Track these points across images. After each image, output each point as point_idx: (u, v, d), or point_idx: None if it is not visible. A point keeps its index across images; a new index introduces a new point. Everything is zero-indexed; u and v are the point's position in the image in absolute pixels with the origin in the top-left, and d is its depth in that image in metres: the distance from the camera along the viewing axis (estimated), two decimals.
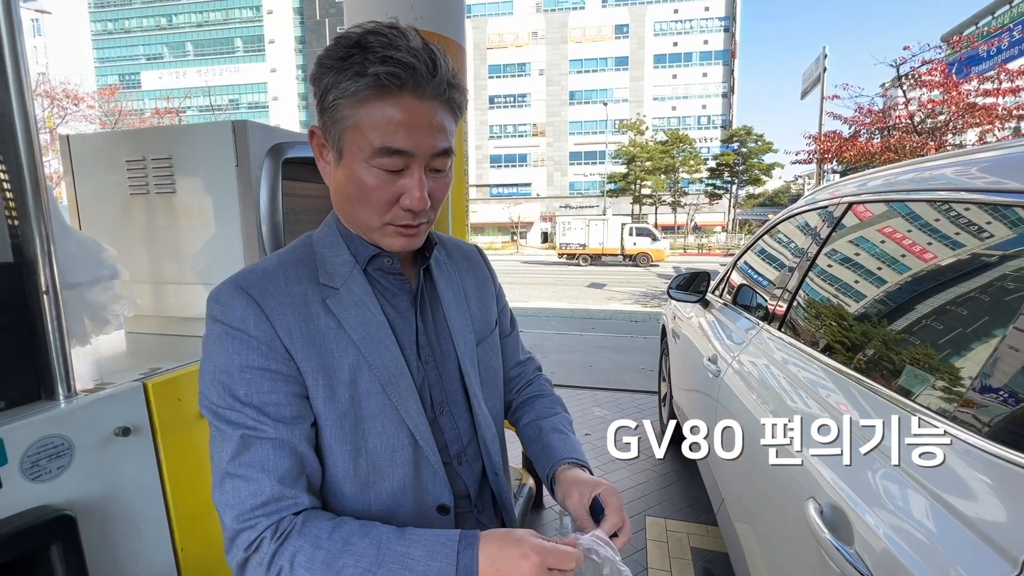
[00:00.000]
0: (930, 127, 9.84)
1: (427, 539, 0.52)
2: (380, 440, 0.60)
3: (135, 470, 0.82)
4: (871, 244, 1.37)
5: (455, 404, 0.69)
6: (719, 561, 2.27)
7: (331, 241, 0.63)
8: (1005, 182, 0.86)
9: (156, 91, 47.29)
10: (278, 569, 0.51)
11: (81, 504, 0.72)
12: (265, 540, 0.52)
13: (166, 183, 1.11)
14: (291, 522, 0.53)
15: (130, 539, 0.81)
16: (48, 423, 0.71)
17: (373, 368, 0.60)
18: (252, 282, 0.58)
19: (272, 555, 0.51)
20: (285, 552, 0.51)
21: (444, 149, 0.57)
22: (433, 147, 0.56)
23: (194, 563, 0.90)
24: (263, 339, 0.56)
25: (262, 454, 0.54)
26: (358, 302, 0.61)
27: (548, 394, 0.85)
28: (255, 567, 0.52)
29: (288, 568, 0.50)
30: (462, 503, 0.68)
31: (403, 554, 0.51)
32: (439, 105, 0.56)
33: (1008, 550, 0.56)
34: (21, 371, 0.73)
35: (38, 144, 0.73)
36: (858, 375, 1.03)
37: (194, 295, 1.15)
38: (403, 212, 0.58)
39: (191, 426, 0.91)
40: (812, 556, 0.89)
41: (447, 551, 0.51)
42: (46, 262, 0.74)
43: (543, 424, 0.78)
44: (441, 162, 0.58)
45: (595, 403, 4.24)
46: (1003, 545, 0.57)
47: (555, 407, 0.82)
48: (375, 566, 0.50)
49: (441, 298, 0.70)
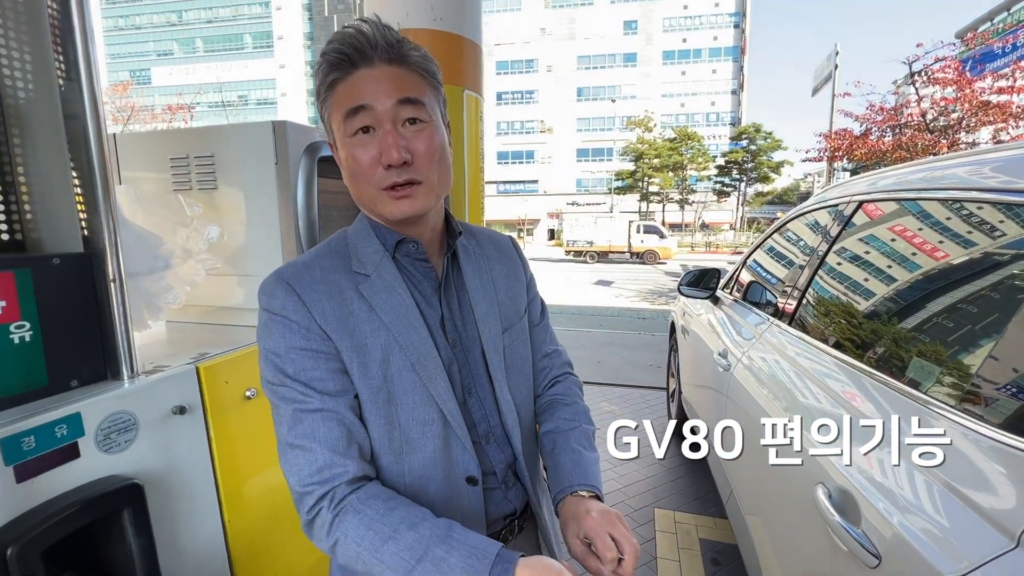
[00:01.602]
0: (943, 125, 9.75)
1: (467, 548, 0.55)
2: (411, 415, 0.65)
3: (189, 446, 0.89)
4: (881, 242, 1.42)
5: (481, 388, 0.73)
6: (727, 552, 2.32)
7: (363, 233, 0.69)
8: (1016, 182, 0.91)
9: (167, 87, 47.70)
10: (335, 539, 0.58)
11: (144, 475, 0.79)
12: (323, 509, 0.58)
13: (208, 180, 1.17)
14: (345, 493, 0.59)
15: (184, 509, 0.87)
16: (116, 400, 0.78)
17: (403, 348, 0.65)
18: (292, 274, 0.64)
19: (330, 524, 0.58)
20: (341, 525, 0.57)
21: (405, 98, 0.61)
22: (390, 95, 0.61)
23: (239, 534, 0.97)
24: (302, 323, 0.62)
25: (313, 425, 0.60)
26: (388, 287, 0.66)
27: (571, 402, 0.83)
28: (319, 529, 0.59)
29: (343, 540, 0.57)
30: (490, 479, 0.73)
31: (441, 558, 0.55)
32: (393, 67, 0.61)
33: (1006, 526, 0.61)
34: (92, 353, 0.80)
35: (106, 146, 0.79)
36: (868, 368, 1.08)
37: (233, 286, 1.22)
38: (385, 172, 0.62)
39: (237, 407, 0.98)
40: (821, 539, 0.94)
41: (481, 567, 0.54)
42: (113, 253, 0.80)
43: (558, 439, 0.77)
44: (409, 111, 0.62)
45: (603, 398, 4.28)
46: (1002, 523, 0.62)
47: (577, 418, 0.80)
48: (414, 561, 0.55)
49: (467, 285, 0.73)
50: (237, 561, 0.96)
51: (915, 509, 0.76)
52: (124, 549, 0.75)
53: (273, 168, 1.11)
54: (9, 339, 0.70)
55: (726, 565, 2.23)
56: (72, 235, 0.80)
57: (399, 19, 2.06)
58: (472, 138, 2.13)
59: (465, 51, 2.12)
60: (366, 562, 0.57)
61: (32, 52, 0.77)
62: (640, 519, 2.57)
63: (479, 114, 2.19)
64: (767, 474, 1.32)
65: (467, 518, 0.68)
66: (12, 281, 0.70)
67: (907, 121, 10.27)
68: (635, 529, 2.48)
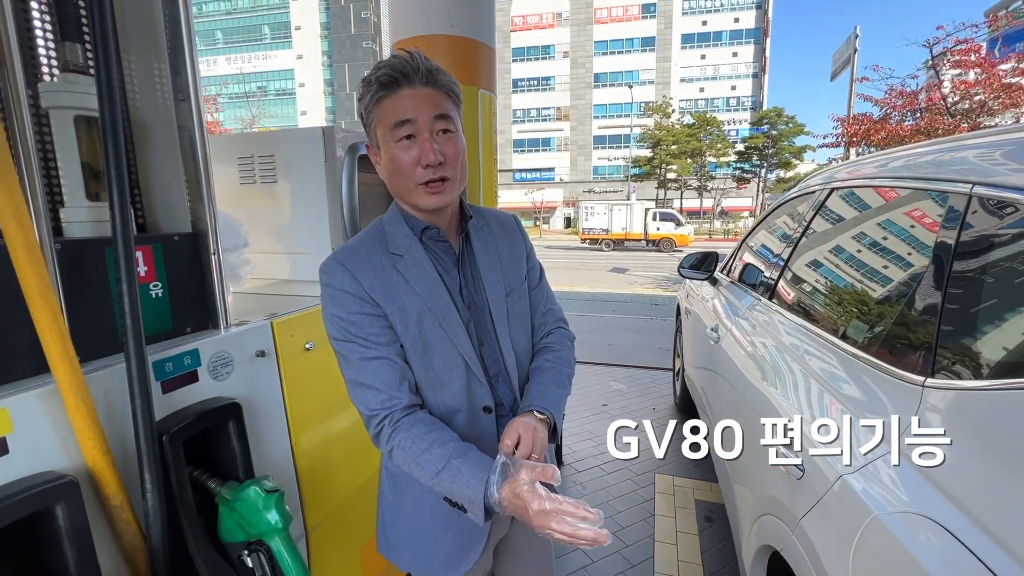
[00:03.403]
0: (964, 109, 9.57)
1: (476, 461, 0.77)
2: (441, 360, 0.85)
3: (267, 381, 1.16)
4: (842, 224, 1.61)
5: (491, 339, 0.91)
6: (719, 511, 2.54)
7: (396, 221, 0.87)
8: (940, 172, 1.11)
9: None
10: (391, 447, 0.82)
11: (239, 399, 1.05)
12: (384, 427, 0.83)
13: (269, 175, 1.43)
14: (399, 416, 0.82)
15: (263, 428, 1.14)
16: (218, 343, 1.04)
17: (432, 310, 0.83)
18: (344, 256, 0.83)
19: (388, 437, 0.82)
20: (396, 437, 0.81)
21: (440, 114, 0.79)
22: (429, 112, 0.78)
23: (302, 452, 1.24)
24: (356, 293, 0.81)
25: (374, 369, 0.83)
26: (417, 264, 0.84)
27: (557, 348, 0.99)
28: (382, 441, 0.83)
29: (397, 448, 0.81)
30: (500, 408, 0.93)
31: (457, 468, 0.76)
32: (428, 88, 0.78)
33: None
34: (200, 308, 1.07)
35: (208, 150, 1.04)
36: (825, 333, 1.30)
37: (288, 262, 1.49)
38: (423, 171, 0.79)
39: (299, 355, 1.24)
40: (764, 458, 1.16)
41: (484, 472, 0.75)
42: (213, 232, 1.06)
43: (533, 374, 0.95)
44: (443, 124, 0.79)
45: (613, 378, 4.49)
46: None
47: (557, 362, 0.96)
48: (440, 467, 0.77)
49: (478, 259, 0.90)
50: (301, 472, 1.23)
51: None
52: (229, 452, 1.01)
53: (323, 165, 1.36)
54: (149, 294, 0.97)
55: (718, 522, 2.45)
56: (183, 219, 1.06)
57: (419, 26, 2.28)
58: (486, 133, 2.36)
59: (480, 54, 2.33)
60: (409, 465, 0.81)
61: (157, 79, 1.02)
62: (641, 483, 2.80)
63: (492, 111, 2.41)
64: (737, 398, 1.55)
65: (484, 437, 0.90)
66: (151, 252, 0.96)
67: (927, 105, 10.09)
68: (636, 491, 2.71)
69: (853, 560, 0.81)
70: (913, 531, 0.74)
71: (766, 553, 1.24)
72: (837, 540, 0.87)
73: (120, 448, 0.84)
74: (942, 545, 0.69)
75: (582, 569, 2.11)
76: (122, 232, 0.80)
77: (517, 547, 1.06)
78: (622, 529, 2.38)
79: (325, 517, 1.31)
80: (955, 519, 0.70)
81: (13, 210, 0.68)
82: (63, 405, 0.75)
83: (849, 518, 0.85)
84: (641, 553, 2.20)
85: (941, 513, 0.72)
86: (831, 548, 0.88)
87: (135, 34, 1.01)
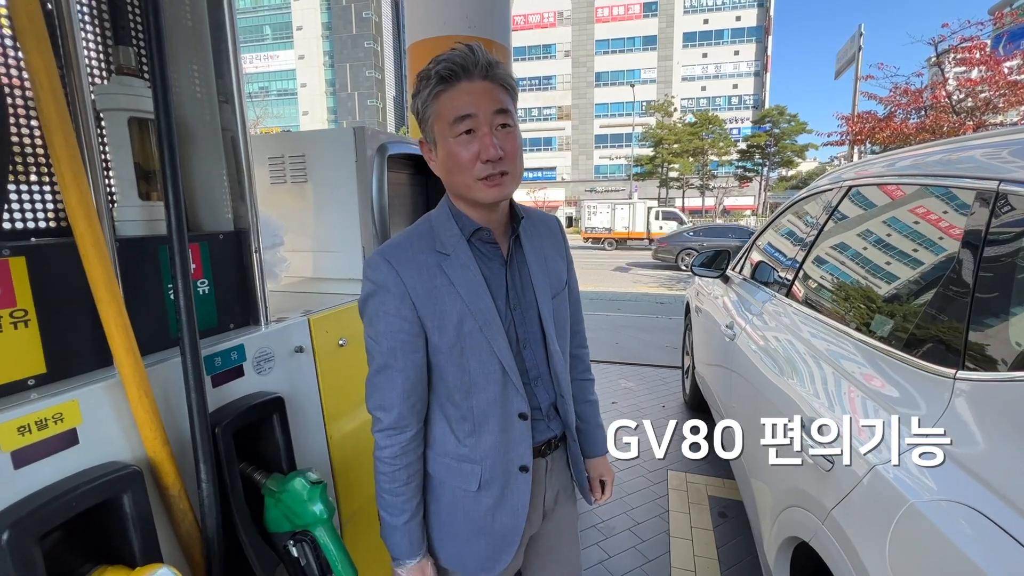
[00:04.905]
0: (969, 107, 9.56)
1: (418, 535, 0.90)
2: (478, 364, 0.84)
3: (305, 376, 1.19)
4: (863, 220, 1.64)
5: (534, 341, 0.90)
6: (734, 507, 2.56)
7: (444, 219, 0.85)
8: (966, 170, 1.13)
9: None
10: (375, 457, 0.88)
11: (281, 393, 1.07)
12: (376, 436, 0.87)
13: (300, 175, 1.46)
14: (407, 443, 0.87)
15: (302, 423, 1.17)
16: (261, 339, 1.07)
17: (473, 314, 0.82)
18: (390, 253, 0.82)
19: (385, 447, 0.86)
20: (378, 462, 0.87)
21: (500, 108, 0.78)
22: (489, 107, 0.77)
23: (337, 445, 1.27)
24: (397, 292, 0.80)
25: (381, 380, 0.84)
26: (463, 265, 0.83)
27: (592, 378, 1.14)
28: (381, 447, 0.87)
29: (387, 462, 0.87)
30: (536, 413, 0.92)
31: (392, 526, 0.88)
32: (486, 82, 0.77)
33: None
34: (243, 305, 1.10)
35: (250, 152, 1.07)
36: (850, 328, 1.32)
37: (319, 260, 1.51)
38: (483, 165, 0.77)
39: (334, 351, 1.27)
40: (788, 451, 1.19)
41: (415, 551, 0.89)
42: (254, 231, 1.09)
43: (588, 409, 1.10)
44: (502, 119, 0.78)
45: (622, 376, 4.51)
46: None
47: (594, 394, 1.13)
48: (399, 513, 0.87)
49: (527, 260, 0.90)
50: (336, 464, 1.26)
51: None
52: (273, 445, 1.04)
53: (354, 165, 1.39)
54: (198, 291, 0.99)
55: (732, 518, 2.47)
56: (225, 218, 1.09)
57: (438, 27, 2.31)
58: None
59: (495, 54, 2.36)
60: (383, 481, 0.88)
61: (201, 83, 1.05)
62: (655, 479, 2.83)
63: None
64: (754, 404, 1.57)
65: (518, 443, 0.90)
66: (198, 250, 0.99)
67: (932, 103, 10.08)
68: (649, 488, 2.74)
69: (890, 547, 0.83)
70: (949, 517, 0.76)
71: (791, 545, 1.27)
72: (872, 529, 0.90)
73: (175, 440, 0.87)
74: (979, 529, 0.71)
75: (599, 564, 2.13)
76: (177, 231, 0.83)
77: (547, 546, 1.07)
78: (637, 525, 2.41)
79: (358, 510, 1.34)
80: (991, 504, 0.72)
81: (84, 209, 0.71)
82: (126, 397, 0.78)
83: (883, 507, 0.87)
84: (657, 548, 2.22)
85: (977, 500, 0.74)
86: (866, 537, 0.90)
87: (181, 38, 1.04)
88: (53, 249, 0.76)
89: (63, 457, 0.72)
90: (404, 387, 0.84)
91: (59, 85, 0.70)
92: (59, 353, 0.77)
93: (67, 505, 0.68)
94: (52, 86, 0.69)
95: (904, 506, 0.83)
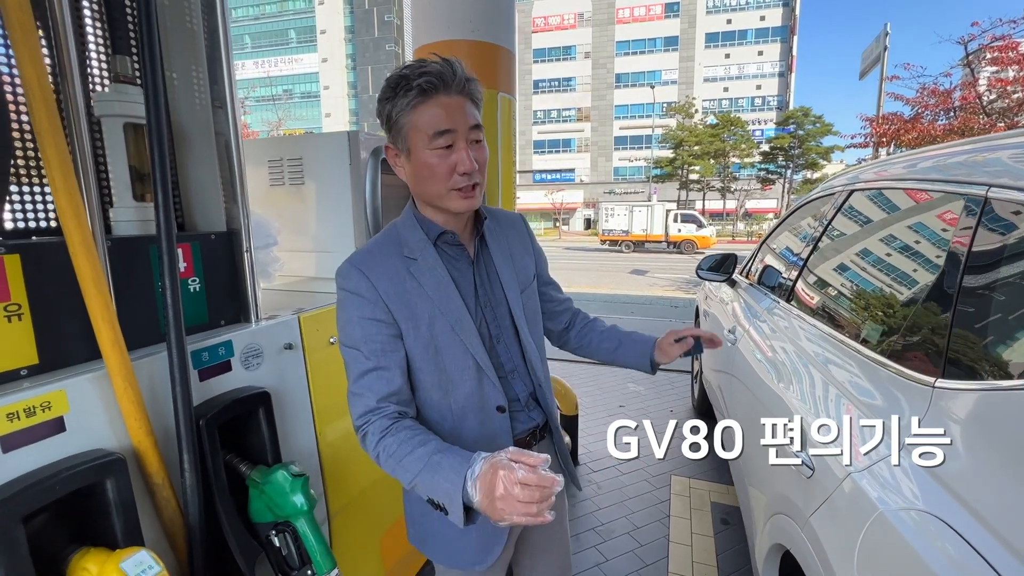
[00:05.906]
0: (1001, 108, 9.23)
1: (455, 454, 0.75)
2: (453, 362, 0.86)
3: (294, 373, 1.22)
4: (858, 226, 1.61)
5: (507, 336, 0.93)
6: (736, 514, 2.52)
7: (410, 225, 0.88)
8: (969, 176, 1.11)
9: None
10: (377, 453, 0.80)
11: (269, 389, 1.11)
12: (370, 433, 0.82)
13: (297, 177, 1.50)
14: (388, 422, 0.80)
15: (291, 419, 1.21)
16: (250, 335, 1.11)
17: (444, 314, 0.85)
18: (360, 260, 0.85)
19: (375, 443, 0.81)
20: (382, 443, 0.79)
21: (475, 124, 0.81)
22: (467, 123, 0.80)
23: (327, 442, 1.31)
24: (370, 298, 0.82)
25: (369, 380, 0.82)
26: (430, 268, 0.85)
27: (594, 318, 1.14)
28: (371, 447, 0.82)
29: (383, 453, 0.79)
30: (515, 405, 0.94)
31: (436, 462, 0.74)
32: (463, 97, 0.80)
33: None
34: (233, 302, 1.14)
35: (242, 154, 1.11)
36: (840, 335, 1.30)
37: (314, 260, 1.56)
38: (459, 177, 0.80)
39: (324, 349, 1.30)
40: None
41: (462, 467, 0.72)
42: (246, 231, 1.13)
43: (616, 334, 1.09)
44: (476, 134, 0.81)
45: (630, 379, 4.47)
46: None
47: (606, 324, 1.12)
48: (422, 465, 0.75)
49: (494, 259, 0.93)
50: (325, 461, 1.29)
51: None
52: (259, 438, 1.08)
53: (348, 167, 1.42)
54: (188, 288, 1.04)
55: (734, 525, 2.44)
56: (218, 218, 1.13)
57: (441, 32, 2.34)
58: (505, 135, 2.40)
59: (499, 58, 2.38)
60: (394, 469, 0.79)
61: (195, 87, 1.10)
62: (657, 484, 2.81)
63: (511, 113, 2.45)
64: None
65: (498, 437, 0.91)
66: (190, 249, 1.03)
67: (962, 103, 9.76)
68: (652, 492, 2.72)
69: (858, 556, 0.82)
70: (916, 527, 0.75)
71: (778, 553, 1.25)
72: (843, 537, 0.89)
73: (160, 430, 0.91)
74: (945, 542, 0.70)
75: (596, 567, 2.13)
76: (165, 231, 0.87)
77: (538, 537, 1.09)
78: (637, 529, 2.40)
79: (347, 504, 1.37)
80: (958, 516, 0.71)
81: (73, 210, 0.76)
82: (112, 388, 0.82)
83: (854, 515, 0.86)
84: (655, 553, 2.21)
85: (944, 510, 0.73)
86: (837, 545, 0.89)
87: (176, 45, 1.08)
88: (45, 247, 0.81)
89: (50, 443, 0.76)
90: (386, 384, 0.85)
91: (51, 93, 0.75)
92: (51, 345, 0.82)
93: (51, 488, 0.72)
94: (44, 95, 0.73)
95: (874, 514, 0.82)
